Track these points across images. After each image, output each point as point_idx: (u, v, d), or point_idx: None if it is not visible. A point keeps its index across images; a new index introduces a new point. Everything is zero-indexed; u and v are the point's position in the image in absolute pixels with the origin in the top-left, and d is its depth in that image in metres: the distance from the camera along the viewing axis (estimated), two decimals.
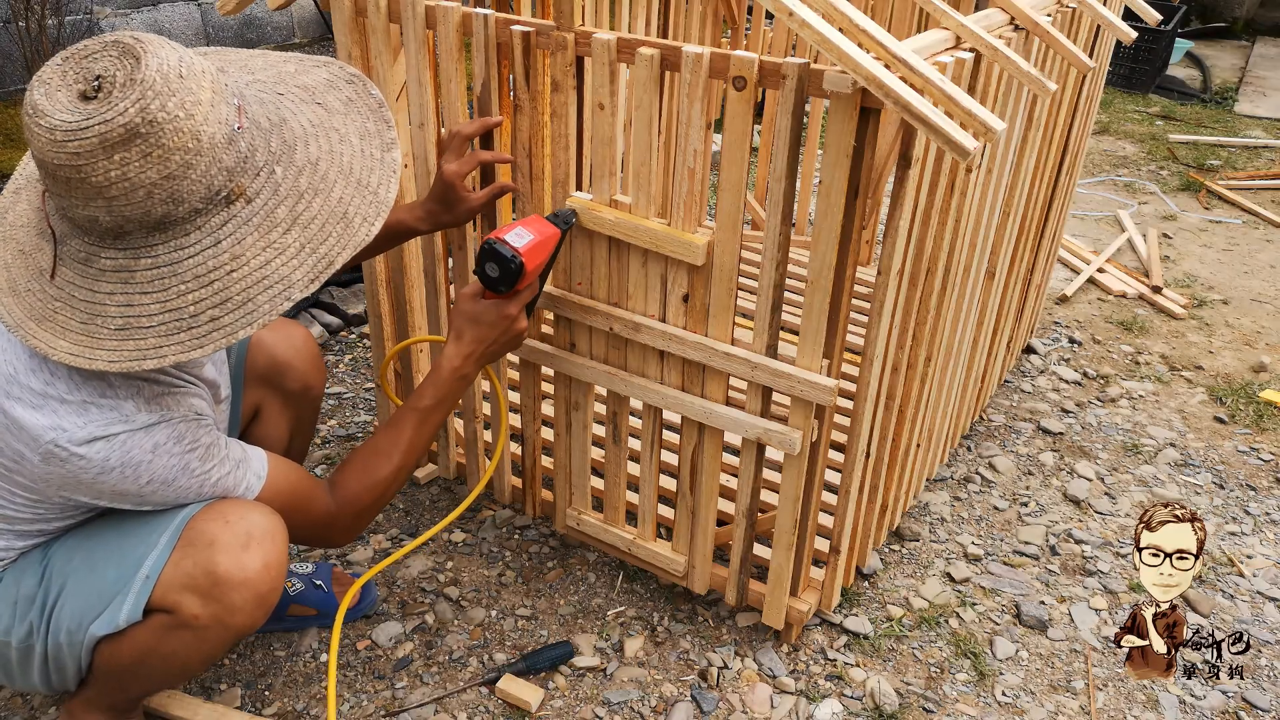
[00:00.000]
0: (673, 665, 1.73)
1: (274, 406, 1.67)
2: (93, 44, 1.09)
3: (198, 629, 1.26)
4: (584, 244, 1.59)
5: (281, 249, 1.16)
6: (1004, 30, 1.61)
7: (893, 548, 2.04)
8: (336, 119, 1.27)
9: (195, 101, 1.07)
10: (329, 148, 1.23)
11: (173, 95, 1.06)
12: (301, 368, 1.68)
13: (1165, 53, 5.43)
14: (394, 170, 1.26)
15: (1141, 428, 2.51)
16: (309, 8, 5.66)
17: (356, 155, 1.25)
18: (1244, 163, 4.46)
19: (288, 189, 1.18)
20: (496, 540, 2.00)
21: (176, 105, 1.06)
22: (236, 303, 1.14)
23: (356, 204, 1.22)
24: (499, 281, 1.44)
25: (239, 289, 1.14)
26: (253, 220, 1.15)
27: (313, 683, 1.67)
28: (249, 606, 1.27)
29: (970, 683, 1.74)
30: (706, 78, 1.36)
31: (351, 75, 1.34)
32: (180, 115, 1.06)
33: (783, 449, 1.54)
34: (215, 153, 1.10)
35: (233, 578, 1.25)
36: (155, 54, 1.07)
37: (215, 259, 1.13)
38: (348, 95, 1.31)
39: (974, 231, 1.77)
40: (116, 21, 4.71)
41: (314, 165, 1.21)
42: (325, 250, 1.18)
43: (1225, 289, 3.30)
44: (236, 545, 1.25)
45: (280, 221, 1.16)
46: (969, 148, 1.16)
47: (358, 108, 1.30)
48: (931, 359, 1.76)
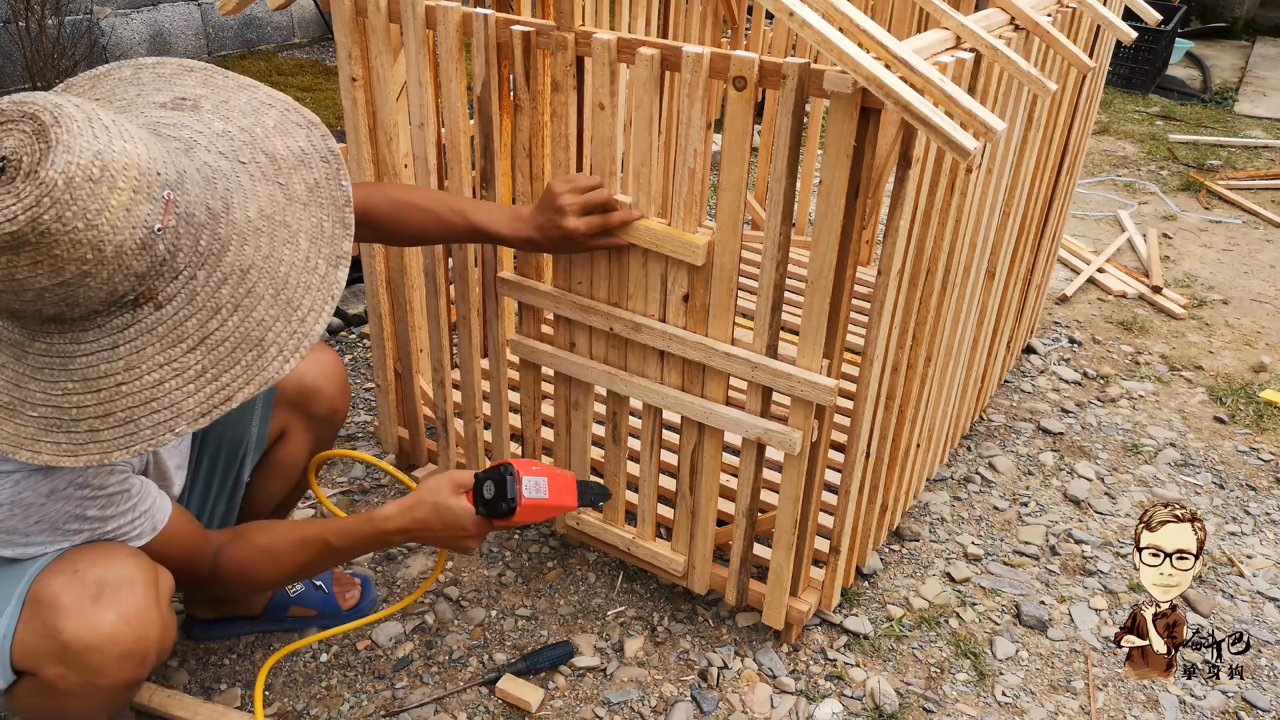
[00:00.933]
0: (673, 665, 1.73)
1: (299, 429, 1.64)
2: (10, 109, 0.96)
3: (70, 692, 1.15)
4: None
5: (181, 369, 1.04)
6: (1004, 30, 1.61)
7: (893, 548, 2.04)
8: (293, 210, 1.13)
9: (101, 209, 0.94)
10: (269, 251, 1.09)
11: (74, 204, 0.93)
12: (330, 393, 1.64)
13: (1165, 53, 5.43)
14: (333, 295, 1.11)
15: (1141, 428, 2.51)
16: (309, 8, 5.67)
17: (297, 265, 1.10)
18: (1244, 163, 4.46)
19: (204, 299, 1.05)
20: (496, 540, 2.00)
21: (76, 215, 0.93)
22: (118, 420, 1.03)
23: (278, 331, 1.08)
24: (481, 502, 1.40)
25: (124, 405, 1.03)
26: (157, 329, 1.04)
27: (313, 683, 1.67)
28: (113, 666, 1.14)
29: (970, 683, 1.74)
30: (706, 78, 1.36)
31: (328, 153, 1.18)
32: (79, 227, 0.93)
33: (783, 449, 1.54)
34: (122, 260, 0.98)
35: (83, 641, 1.12)
36: (68, 146, 0.94)
37: (109, 364, 1.03)
38: (316, 178, 1.16)
39: (974, 231, 1.77)
40: (116, 22, 4.71)
41: (243, 274, 1.07)
42: (227, 380, 1.06)
43: (1225, 289, 3.30)
44: (85, 600, 1.13)
45: (188, 336, 1.04)
46: (969, 148, 1.16)
47: (321, 198, 1.15)
48: (931, 359, 1.76)
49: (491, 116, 1.62)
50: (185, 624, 1.73)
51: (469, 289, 1.83)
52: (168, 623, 1.22)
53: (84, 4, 4.56)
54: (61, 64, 4.19)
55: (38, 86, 4.17)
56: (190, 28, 5.07)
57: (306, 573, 1.42)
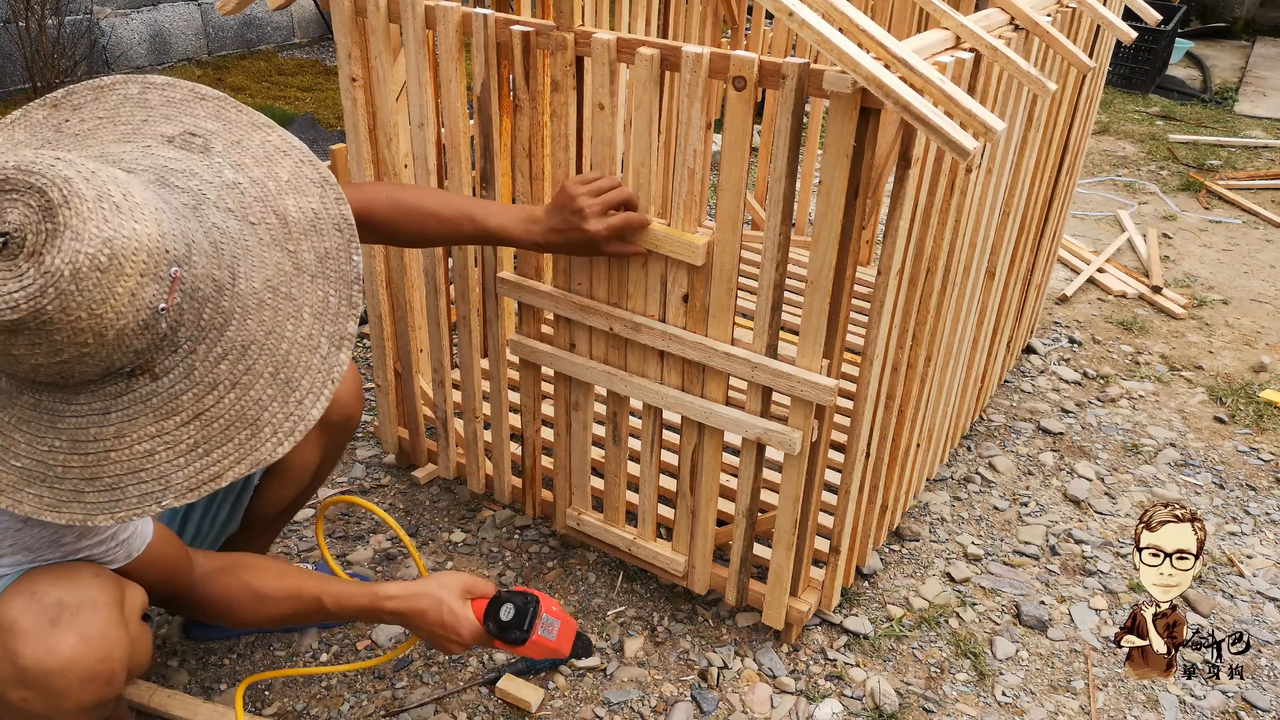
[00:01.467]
0: (673, 665, 1.73)
1: (313, 435, 1.62)
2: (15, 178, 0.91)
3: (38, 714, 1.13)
4: None
5: (173, 442, 1.02)
6: (1004, 30, 1.61)
7: (893, 548, 2.04)
8: (300, 282, 1.09)
9: (106, 298, 0.91)
10: (272, 325, 1.06)
11: (79, 294, 0.89)
12: (345, 399, 1.64)
13: (1165, 53, 5.43)
14: (333, 379, 1.08)
15: (1141, 428, 2.51)
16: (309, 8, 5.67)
17: (299, 343, 1.07)
18: (1244, 163, 4.46)
19: (201, 374, 1.02)
20: (496, 540, 2.00)
21: (80, 305, 0.90)
22: (104, 485, 1.01)
23: (274, 411, 1.05)
24: (493, 619, 1.43)
25: (111, 472, 1.01)
26: (151, 400, 1.00)
27: (313, 682, 1.67)
28: (76, 689, 1.11)
29: (970, 683, 1.74)
30: (706, 78, 1.36)
31: (341, 221, 1.13)
32: (82, 316, 0.90)
33: (783, 449, 1.54)
34: (123, 341, 0.95)
35: (42, 665, 1.09)
36: (76, 233, 0.89)
37: (99, 429, 1.00)
38: (328, 247, 1.11)
39: (974, 231, 1.77)
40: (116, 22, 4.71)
41: (243, 351, 1.04)
42: (219, 457, 1.03)
43: (1225, 289, 3.30)
44: (44, 624, 1.10)
45: (182, 410, 1.01)
46: (969, 148, 1.16)
47: (330, 270, 1.11)
48: (931, 359, 1.76)
49: (491, 116, 1.62)
50: (185, 624, 1.74)
51: (469, 289, 1.83)
52: (139, 639, 1.20)
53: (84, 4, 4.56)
54: (61, 64, 4.19)
55: (38, 86, 4.18)
56: (190, 28, 5.07)
57: (290, 623, 1.39)
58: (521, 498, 1.99)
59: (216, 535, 1.60)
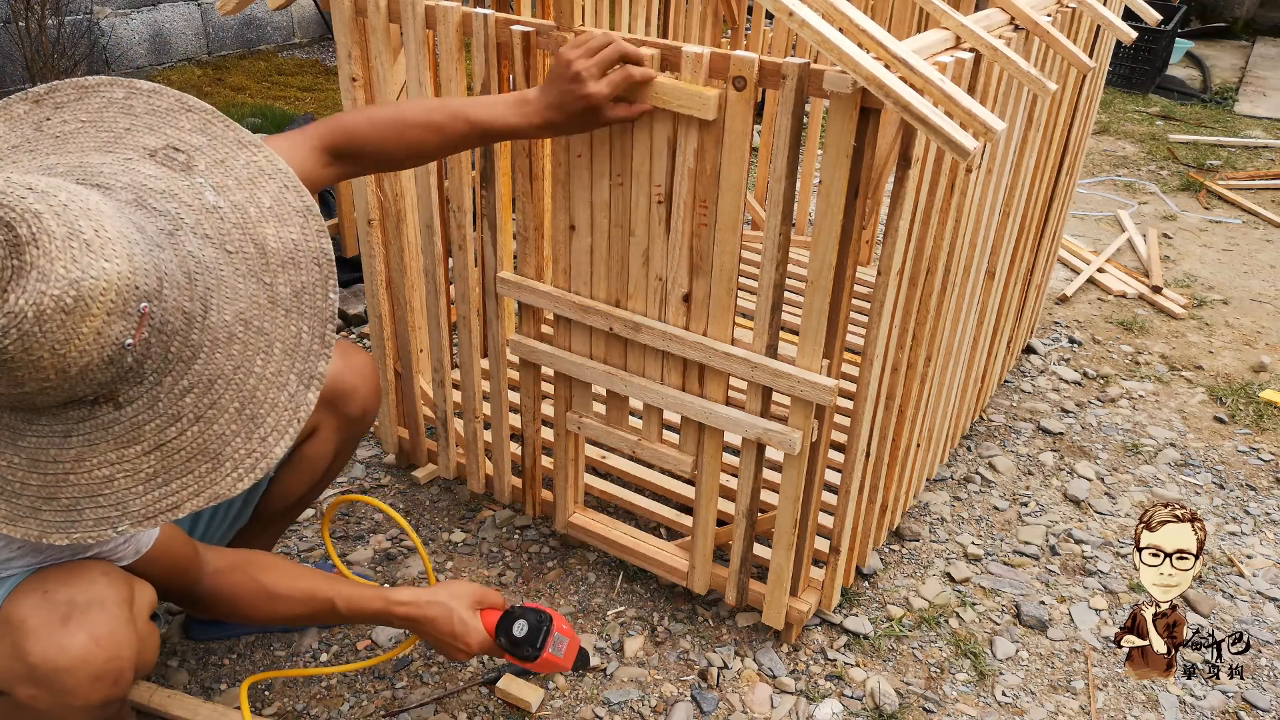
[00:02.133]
0: (673, 665, 1.73)
1: (330, 428, 1.63)
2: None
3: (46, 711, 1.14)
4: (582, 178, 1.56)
5: (132, 470, 1.01)
6: (1004, 30, 1.61)
7: (893, 548, 2.04)
8: (274, 316, 1.06)
9: (69, 339, 0.89)
10: (241, 360, 1.04)
11: (41, 335, 0.88)
12: (364, 393, 1.64)
13: (1165, 53, 5.43)
14: (299, 418, 1.06)
15: (1141, 428, 2.51)
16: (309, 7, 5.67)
17: (267, 379, 1.05)
18: (1244, 163, 4.46)
19: (165, 406, 1.00)
20: (496, 540, 2.00)
21: (42, 346, 0.88)
22: (61, 506, 1.00)
23: (235, 447, 1.03)
24: (505, 634, 1.46)
25: (69, 494, 1.00)
26: (114, 429, 0.99)
27: (313, 682, 1.67)
28: (85, 687, 1.11)
29: (970, 683, 1.74)
30: (707, 78, 1.36)
31: (320, 255, 1.10)
32: (44, 356, 0.89)
33: (783, 449, 1.54)
34: (86, 375, 0.93)
35: (51, 663, 1.09)
36: (43, 274, 0.87)
37: (59, 450, 0.99)
38: (305, 282, 1.09)
39: (974, 231, 1.77)
40: (116, 22, 4.71)
41: (209, 384, 1.02)
42: (177, 488, 1.02)
43: (1225, 289, 3.30)
44: (54, 623, 1.11)
45: (144, 439, 1.00)
46: (969, 148, 1.16)
47: (305, 306, 1.08)
48: (931, 359, 1.76)
49: None
50: (185, 624, 1.74)
51: (469, 289, 1.83)
52: (147, 638, 1.20)
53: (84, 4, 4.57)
54: (61, 64, 4.19)
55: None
56: (190, 28, 5.07)
57: (299, 624, 1.41)
58: (521, 498, 1.99)
59: (228, 528, 1.61)
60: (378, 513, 2.05)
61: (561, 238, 1.61)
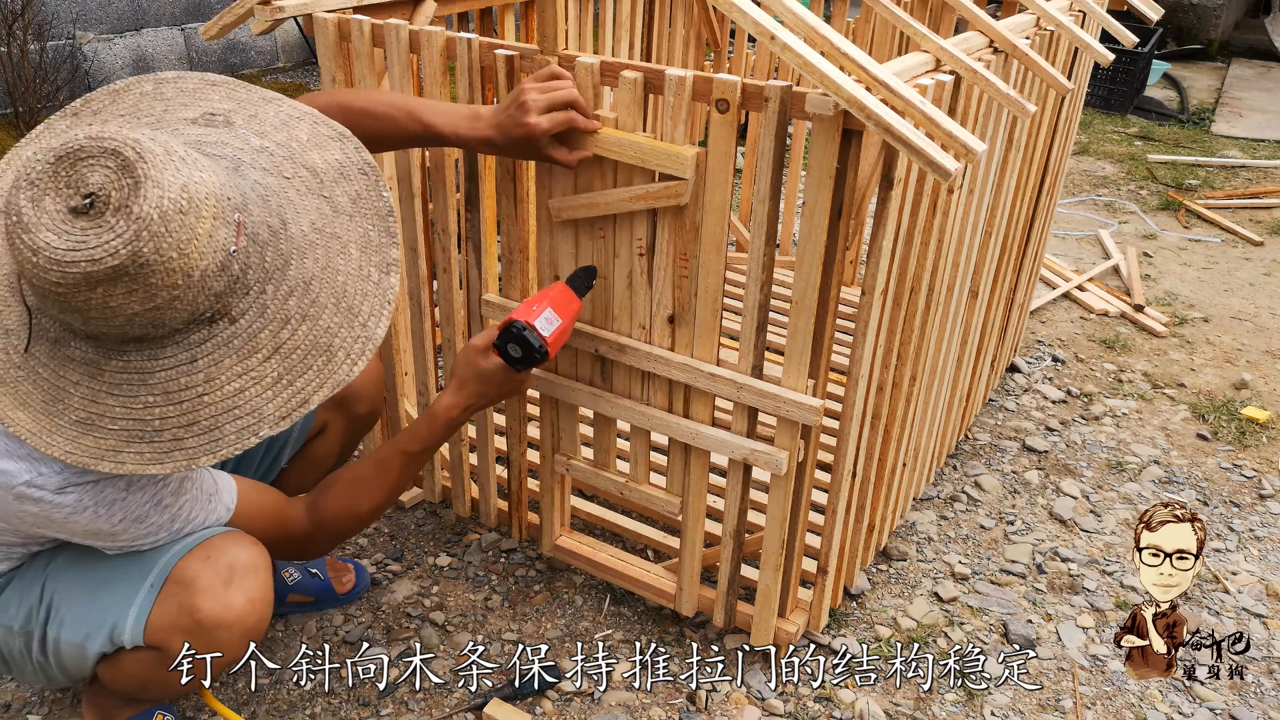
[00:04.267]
0: (661, 689, 1.72)
1: (339, 426, 1.70)
2: (90, 145, 1.00)
3: None
4: (567, 233, 1.59)
5: (259, 377, 1.10)
6: (983, 53, 1.62)
7: (880, 567, 2.04)
8: (340, 221, 1.19)
9: (190, 239, 1.00)
10: (325, 261, 1.15)
11: (168, 235, 0.99)
12: (372, 393, 1.72)
13: (1143, 74, 5.50)
14: (388, 300, 1.18)
15: (1125, 445, 2.52)
16: (293, 32, 5.68)
17: (353, 274, 1.17)
18: (1221, 182, 4.51)
19: (274, 311, 1.11)
20: (483, 564, 1.99)
21: (171, 245, 0.99)
22: (204, 427, 1.09)
23: (343, 336, 1.14)
24: (518, 362, 1.45)
25: (208, 414, 1.09)
26: (233, 342, 1.09)
27: (297, 710, 1.65)
28: (235, 642, 1.27)
29: (959, 703, 1.74)
30: (690, 100, 1.37)
31: (365, 165, 1.24)
32: (174, 255, 0.99)
33: (769, 469, 1.53)
34: (206, 282, 1.04)
35: (217, 618, 1.24)
36: (156, 182, 0.99)
37: (188, 377, 1.08)
38: (357, 190, 1.22)
39: (957, 251, 1.78)
40: (99, 47, 4.71)
41: (306, 285, 1.13)
42: (302, 384, 1.12)
43: (1205, 307, 3.33)
44: (219, 583, 1.24)
45: (262, 347, 1.10)
46: (950, 169, 1.17)
47: (364, 209, 1.21)
48: (916, 378, 1.76)
49: None
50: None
51: (453, 311, 1.82)
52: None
53: (66, 29, 4.56)
54: (43, 89, 4.18)
55: (19, 111, 4.16)
56: (173, 52, 5.07)
57: (400, 487, 1.47)
58: (508, 521, 1.98)
59: None
60: (363, 537, 2.04)
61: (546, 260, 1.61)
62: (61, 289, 0.99)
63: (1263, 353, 3.03)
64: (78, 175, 0.99)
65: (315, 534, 1.44)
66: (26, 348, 1.08)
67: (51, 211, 0.98)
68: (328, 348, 1.13)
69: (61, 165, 1.00)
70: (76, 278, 0.98)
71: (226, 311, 1.08)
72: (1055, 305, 3.25)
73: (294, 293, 1.12)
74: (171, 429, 1.08)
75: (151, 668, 1.28)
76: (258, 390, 1.10)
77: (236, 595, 1.25)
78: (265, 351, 1.10)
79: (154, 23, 4.95)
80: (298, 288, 1.12)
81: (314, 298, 1.13)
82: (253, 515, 1.35)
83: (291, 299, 1.12)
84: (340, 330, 1.14)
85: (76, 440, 1.08)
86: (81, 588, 1.28)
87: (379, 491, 1.45)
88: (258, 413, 1.10)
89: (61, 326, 1.07)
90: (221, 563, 1.25)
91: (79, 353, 1.08)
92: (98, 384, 1.08)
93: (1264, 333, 3.16)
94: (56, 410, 1.08)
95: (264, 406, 1.10)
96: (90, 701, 1.50)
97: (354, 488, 1.44)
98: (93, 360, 1.07)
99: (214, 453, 1.09)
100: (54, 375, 1.08)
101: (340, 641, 1.80)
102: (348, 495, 1.44)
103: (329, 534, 1.45)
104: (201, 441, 1.09)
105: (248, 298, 1.09)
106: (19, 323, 1.09)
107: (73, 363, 1.08)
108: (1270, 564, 2.13)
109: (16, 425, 1.08)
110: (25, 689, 1.66)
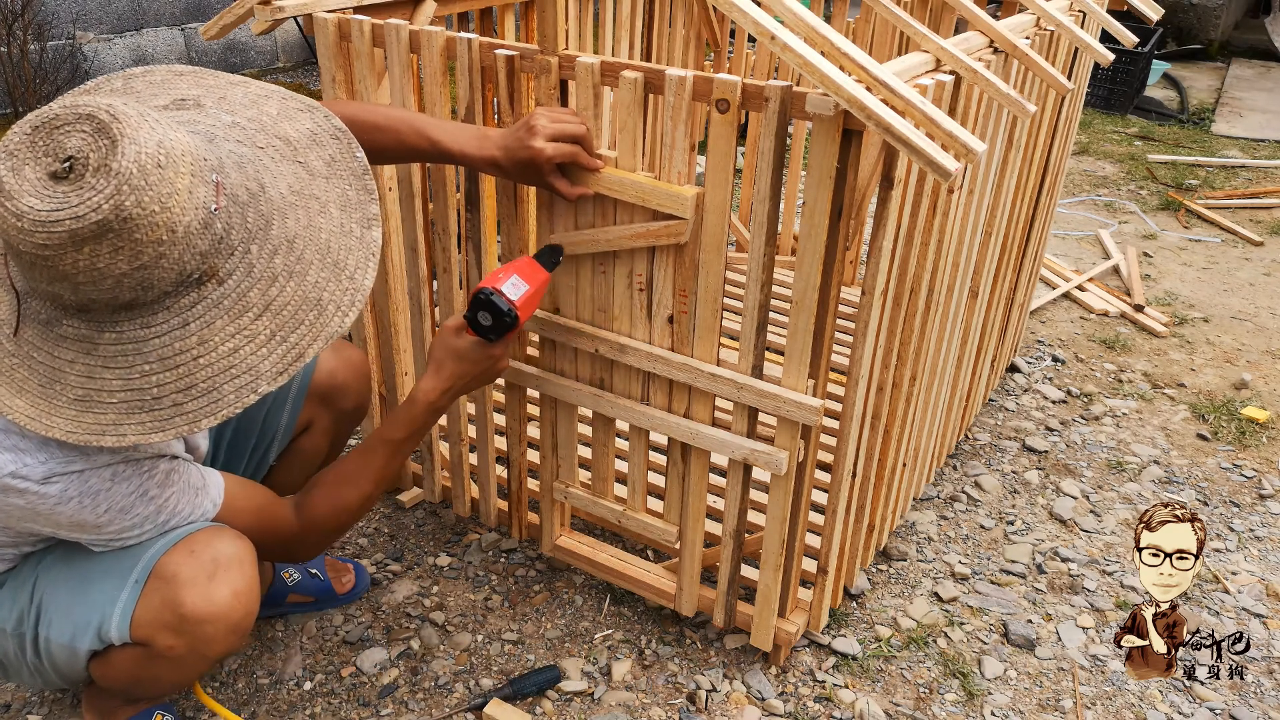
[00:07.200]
0: (661, 689, 1.72)
1: (325, 422, 1.70)
2: (64, 113, 1.02)
3: (175, 659, 1.27)
4: (568, 265, 1.59)
5: (251, 336, 1.11)
6: (983, 53, 1.62)
7: (880, 568, 2.04)
8: (318, 184, 1.21)
9: (171, 193, 1.02)
10: (307, 221, 1.17)
11: (149, 189, 1.00)
12: (357, 388, 1.72)
13: (1143, 74, 5.50)
14: (373, 253, 1.20)
15: (1125, 445, 2.52)
16: (293, 32, 5.68)
17: (335, 231, 1.18)
18: (1221, 182, 4.51)
19: (261, 270, 1.12)
20: (483, 564, 1.99)
21: (152, 199, 1.00)
22: (201, 390, 1.10)
23: (331, 290, 1.16)
24: (490, 330, 1.44)
25: (204, 376, 1.10)
26: (223, 303, 1.10)
27: (297, 710, 1.65)
28: (222, 636, 1.26)
29: (959, 703, 1.74)
30: (690, 100, 1.37)
31: (337, 130, 1.26)
32: (155, 209, 1.01)
33: (769, 470, 1.53)
34: (190, 240, 1.05)
35: (201, 612, 1.23)
36: (133, 139, 1.01)
37: (182, 341, 1.09)
38: (331, 154, 1.24)
39: (957, 251, 1.78)
40: (99, 47, 4.71)
41: (290, 243, 1.14)
42: (296, 340, 1.13)
43: (1205, 307, 3.33)
44: (203, 577, 1.24)
45: (252, 305, 1.11)
46: (950, 169, 1.17)
47: (340, 170, 1.23)
48: (916, 378, 1.76)
49: None
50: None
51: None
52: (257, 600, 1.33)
53: (66, 29, 4.56)
54: (44, 89, 4.18)
55: (19, 111, 4.16)
56: (173, 52, 5.07)
57: (387, 479, 1.47)
58: (508, 521, 1.98)
59: None
60: (363, 537, 2.04)
61: None
62: (48, 251, 1.00)
63: (1263, 353, 3.03)
64: (55, 142, 1.01)
65: (304, 533, 1.43)
66: (15, 331, 1.09)
67: (32, 179, 1.00)
68: (317, 302, 1.14)
69: (39, 134, 1.01)
70: (62, 236, 0.99)
71: (214, 273, 1.09)
72: (1055, 305, 3.26)
73: (279, 251, 1.13)
74: (170, 395, 1.09)
75: (141, 664, 1.28)
76: (252, 348, 1.11)
77: (220, 589, 1.24)
78: (256, 310, 1.11)
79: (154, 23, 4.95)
80: (282, 246, 1.13)
81: (299, 255, 1.14)
82: (240, 511, 1.35)
83: (277, 257, 1.13)
84: (328, 284, 1.15)
85: (76, 419, 1.09)
86: (69, 586, 1.28)
87: (365, 483, 1.45)
88: (254, 370, 1.11)
89: (52, 305, 1.08)
90: (205, 556, 1.25)
91: (72, 330, 1.09)
92: (93, 359, 1.09)
93: (1264, 333, 3.16)
94: (54, 392, 1.09)
95: (260, 364, 1.11)
96: (90, 702, 1.50)
97: (340, 481, 1.44)
98: (86, 336, 1.09)
99: (215, 414, 1.10)
100: (48, 357, 1.10)
101: (340, 641, 1.80)
102: (334, 489, 1.44)
103: (319, 532, 1.44)
104: (201, 404, 1.10)
105: (233, 258, 1.10)
106: (9, 311, 1.10)
107: (66, 341, 1.09)
108: (1270, 564, 2.13)
109: (15, 412, 1.09)
110: (25, 690, 1.67)
